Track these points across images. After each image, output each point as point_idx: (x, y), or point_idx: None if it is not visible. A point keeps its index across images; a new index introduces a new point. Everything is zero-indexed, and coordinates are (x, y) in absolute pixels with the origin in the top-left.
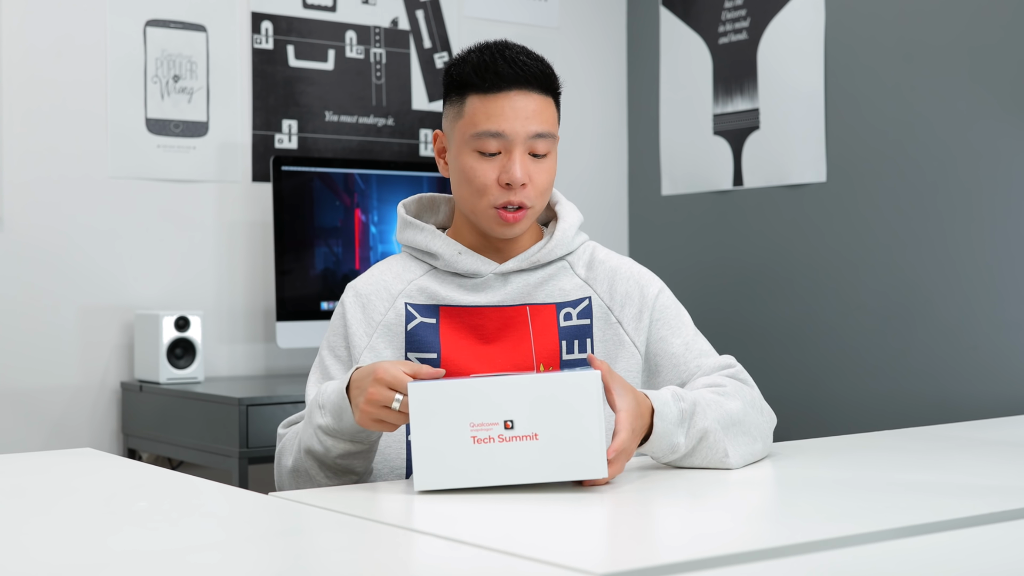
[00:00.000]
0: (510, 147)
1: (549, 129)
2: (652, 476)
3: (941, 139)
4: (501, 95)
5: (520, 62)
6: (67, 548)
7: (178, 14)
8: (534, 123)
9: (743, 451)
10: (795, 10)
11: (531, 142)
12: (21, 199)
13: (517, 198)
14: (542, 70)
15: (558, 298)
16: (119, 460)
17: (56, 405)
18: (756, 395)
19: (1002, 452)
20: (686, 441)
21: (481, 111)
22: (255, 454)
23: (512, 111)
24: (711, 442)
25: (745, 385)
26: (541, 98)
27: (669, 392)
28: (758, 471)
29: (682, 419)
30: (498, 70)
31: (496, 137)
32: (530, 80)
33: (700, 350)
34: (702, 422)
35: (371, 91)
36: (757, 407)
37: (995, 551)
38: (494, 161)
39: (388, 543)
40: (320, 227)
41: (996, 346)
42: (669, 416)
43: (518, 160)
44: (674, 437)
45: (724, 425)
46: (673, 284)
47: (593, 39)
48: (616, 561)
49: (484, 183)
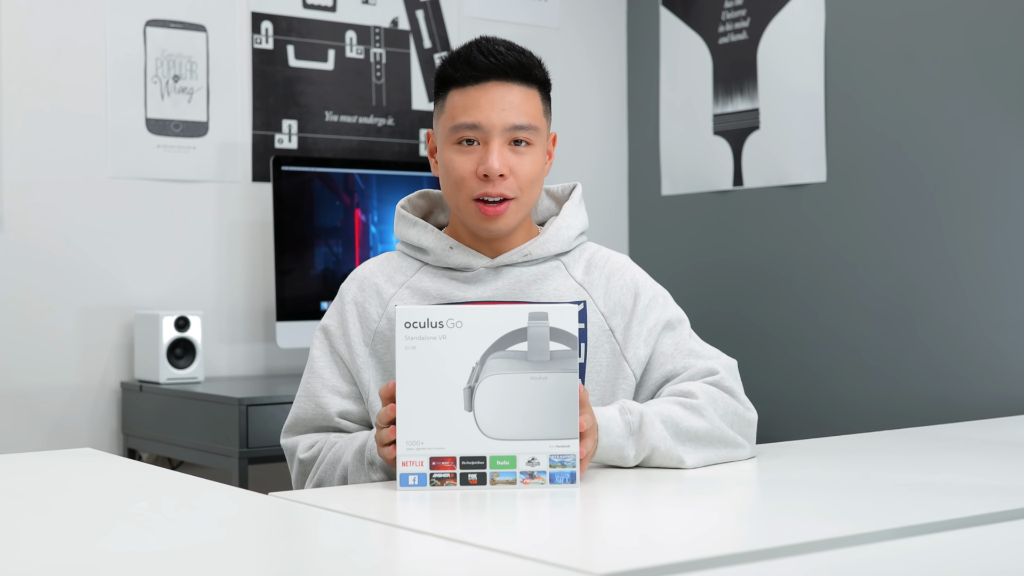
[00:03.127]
0: (487, 138)
1: (530, 121)
2: (652, 476)
3: (941, 139)
4: (478, 87)
5: (496, 52)
6: (66, 548)
7: (178, 14)
8: (512, 114)
9: (698, 456)
10: (795, 10)
11: (510, 133)
12: (21, 199)
13: (496, 190)
14: (520, 60)
15: (552, 298)
16: (119, 460)
17: (56, 405)
18: (730, 403)
19: (1002, 452)
20: (636, 452)
21: (459, 104)
22: (255, 454)
23: (488, 102)
24: (663, 452)
25: (721, 393)
26: (521, 89)
27: (616, 408)
28: (758, 471)
29: (629, 432)
30: (472, 61)
31: (473, 129)
32: (507, 70)
33: (690, 350)
34: (650, 434)
35: (371, 91)
36: (728, 417)
37: (995, 551)
38: (473, 153)
39: (388, 543)
40: (320, 227)
41: (996, 346)
42: (615, 431)
43: (495, 151)
44: (623, 450)
45: (676, 434)
46: (673, 284)
47: (593, 39)
48: (616, 561)
49: (461, 175)
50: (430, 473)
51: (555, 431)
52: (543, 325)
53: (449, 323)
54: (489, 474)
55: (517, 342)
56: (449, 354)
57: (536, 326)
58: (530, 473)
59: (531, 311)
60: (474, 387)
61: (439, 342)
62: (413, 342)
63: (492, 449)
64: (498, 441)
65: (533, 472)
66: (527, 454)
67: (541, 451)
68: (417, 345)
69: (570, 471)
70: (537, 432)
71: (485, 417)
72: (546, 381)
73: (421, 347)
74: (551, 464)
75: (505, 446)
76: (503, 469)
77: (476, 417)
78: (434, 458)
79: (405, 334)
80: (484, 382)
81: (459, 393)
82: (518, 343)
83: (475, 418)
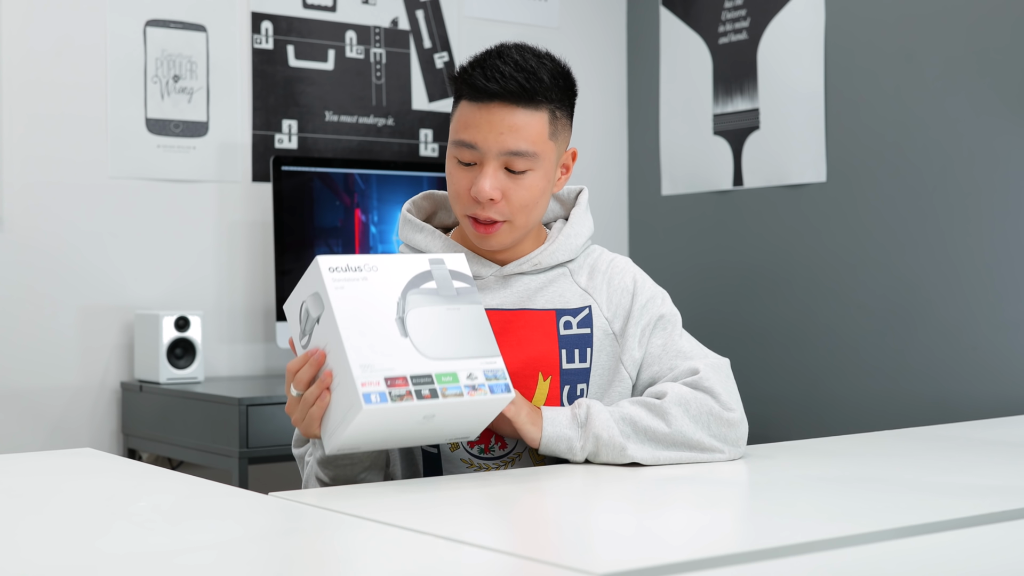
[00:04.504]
0: (483, 160)
1: (528, 147)
2: (652, 476)
3: (941, 139)
4: (482, 106)
5: (504, 75)
6: (66, 548)
7: (178, 14)
8: (510, 139)
9: (650, 454)
10: (795, 10)
11: (505, 158)
12: (21, 199)
13: (485, 213)
14: (524, 85)
15: (558, 304)
16: (119, 460)
17: (56, 405)
18: (705, 403)
19: (1002, 452)
20: (583, 444)
21: (462, 119)
22: (255, 454)
23: (488, 124)
24: (606, 440)
25: (697, 394)
26: (525, 113)
27: (569, 406)
28: (757, 471)
29: (576, 423)
30: (475, 83)
31: (470, 148)
32: (510, 95)
33: (678, 351)
34: (596, 424)
35: (371, 91)
36: (703, 419)
37: (995, 551)
38: (470, 171)
39: (388, 543)
40: (320, 227)
41: (996, 346)
42: (561, 422)
43: (489, 175)
44: (571, 441)
45: (633, 432)
46: (673, 284)
47: (593, 39)
48: (616, 561)
49: (457, 191)
50: (389, 391)
51: (479, 351)
52: (443, 268)
53: (366, 267)
54: (439, 389)
55: (426, 282)
56: (374, 291)
57: (438, 269)
58: (472, 386)
59: (430, 258)
60: (403, 317)
61: (362, 283)
62: (341, 283)
63: (435, 367)
64: (437, 360)
65: (475, 385)
66: (465, 370)
67: (476, 367)
68: (345, 285)
69: (503, 382)
70: (465, 352)
71: (420, 341)
72: (459, 312)
73: (349, 287)
74: (487, 377)
75: (444, 364)
76: (449, 384)
77: (413, 342)
78: (388, 377)
79: (332, 277)
80: (410, 313)
81: (392, 323)
82: (427, 283)
83: (412, 343)
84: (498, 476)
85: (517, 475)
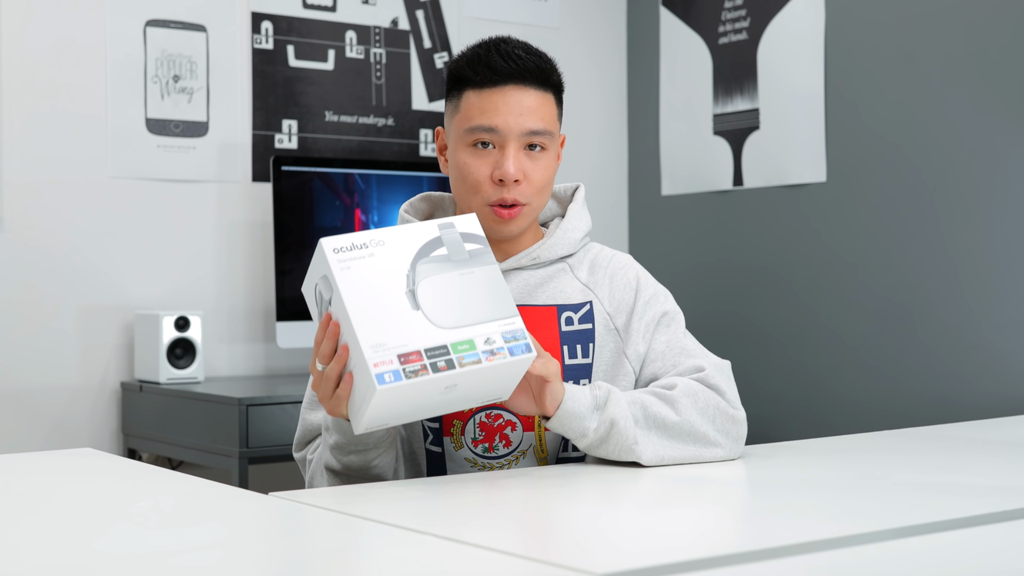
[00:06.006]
0: (504, 142)
1: (546, 126)
2: (651, 476)
3: (941, 139)
4: (496, 90)
5: (516, 56)
6: (66, 548)
7: (178, 14)
8: (529, 119)
9: (657, 447)
10: (795, 10)
11: (526, 138)
12: (21, 199)
13: (511, 195)
14: (539, 65)
15: (559, 300)
16: (119, 460)
17: (56, 405)
18: (712, 399)
19: (1002, 452)
20: (597, 425)
21: (476, 106)
22: (255, 454)
23: (506, 106)
24: (621, 428)
25: (704, 389)
26: (538, 94)
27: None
28: (757, 471)
29: (595, 406)
30: (492, 64)
31: (489, 132)
32: (525, 75)
33: (682, 348)
34: (613, 409)
35: (371, 91)
36: (709, 412)
37: (995, 551)
38: (488, 157)
39: (388, 543)
40: (320, 227)
41: (996, 346)
42: (581, 400)
43: (511, 156)
44: (584, 420)
45: (644, 417)
46: (673, 284)
47: (593, 39)
48: (616, 561)
49: (477, 179)
50: (403, 368)
51: (496, 313)
52: (453, 232)
53: (373, 243)
54: (456, 359)
55: (436, 248)
56: (381, 267)
57: (448, 233)
58: (490, 351)
59: (439, 223)
60: (414, 289)
61: (369, 260)
62: (346, 263)
63: (450, 337)
64: (451, 330)
65: (493, 350)
66: (482, 336)
67: (493, 331)
68: (351, 265)
69: (523, 342)
70: (481, 316)
71: (433, 312)
72: (473, 275)
73: (355, 266)
74: (505, 340)
75: (459, 333)
76: (466, 352)
77: (425, 314)
78: (401, 354)
79: (337, 258)
80: (421, 284)
81: (402, 298)
82: (438, 249)
83: (424, 315)
84: (500, 476)
85: (519, 475)
